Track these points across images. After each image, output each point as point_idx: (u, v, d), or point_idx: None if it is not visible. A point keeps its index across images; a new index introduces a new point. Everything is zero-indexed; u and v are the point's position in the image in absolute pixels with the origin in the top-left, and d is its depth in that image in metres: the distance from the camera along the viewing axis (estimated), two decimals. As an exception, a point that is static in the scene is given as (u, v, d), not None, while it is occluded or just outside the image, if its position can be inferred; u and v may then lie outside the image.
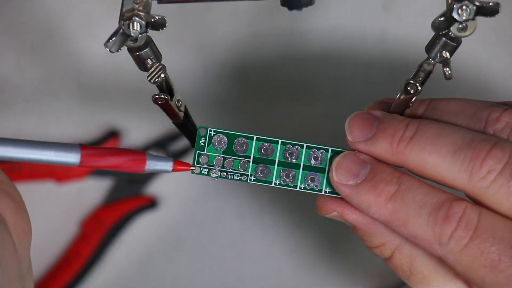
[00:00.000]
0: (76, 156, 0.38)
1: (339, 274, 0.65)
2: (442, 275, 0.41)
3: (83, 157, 0.38)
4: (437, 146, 0.39)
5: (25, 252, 0.41)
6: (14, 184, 0.42)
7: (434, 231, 0.38)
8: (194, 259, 0.65)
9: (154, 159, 0.40)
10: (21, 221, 0.41)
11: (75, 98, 0.66)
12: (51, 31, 0.66)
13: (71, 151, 0.38)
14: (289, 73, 0.65)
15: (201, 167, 0.43)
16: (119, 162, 0.39)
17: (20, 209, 0.41)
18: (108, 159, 0.39)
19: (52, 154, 0.38)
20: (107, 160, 0.39)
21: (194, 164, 0.42)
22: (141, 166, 0.40)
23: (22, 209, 0.41)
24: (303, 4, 0.37)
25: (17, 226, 0.41)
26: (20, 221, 0.41)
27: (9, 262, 0.38)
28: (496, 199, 0.37)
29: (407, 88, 0.40)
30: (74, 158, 0.38)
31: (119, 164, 0.39)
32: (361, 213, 0.41)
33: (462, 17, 0.36)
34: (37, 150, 0.37)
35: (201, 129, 0.43)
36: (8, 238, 0.39)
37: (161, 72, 0.40)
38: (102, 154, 0.39)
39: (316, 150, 0.42)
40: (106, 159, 0.39)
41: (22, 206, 0.42)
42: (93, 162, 0.39)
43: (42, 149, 0.38)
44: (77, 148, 0.38)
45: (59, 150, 0.38)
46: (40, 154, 0.38)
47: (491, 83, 0.64)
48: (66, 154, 0.38)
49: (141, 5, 0.38)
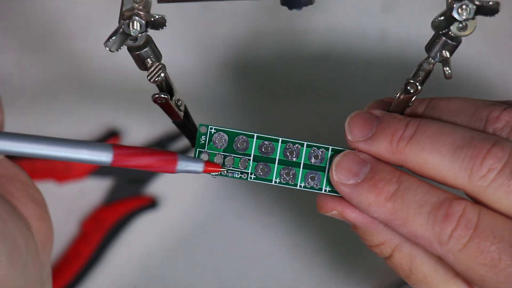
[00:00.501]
0: (109, 155, 0.38)
1: (339, 274, 0.65)
2: (442, 274, 0.41)
3: (115, 157, 0.38)
4: (437, 145, 0.39)
5: (47, 258, 0.41)
6: (38, 187, 0.42)
7: (434, 230, 0.38)
8: (194, 259, 0.65)
9: (186, 160, 0.40)
10: (45, 227, 0.41)
11: (75, 97, 0.66)
12: (51, 31, 0.66)
13: (104, 150, 0.38)
14: (289, 72, 0.65)
15: None
16: (150, 162, 0.39)
17: (44, 215, 0.41)
18: (140, 159, 0.39)
19: (85, 153, 0.38)
20: (139, 160, 0.39)
21: None
22: (172, 166, 0.40)
23: (46, 215, 0.42)
24: (303, 4, 0.37)
25: (40, 232, 0.41)
26: (43, 227, 0.41)
27: (32, 267, 0.39)
28: (496, 198, 0.37)
29: (407, 87, 0.40)
30: (106, 157, 0.38)
31: (150, 164, 0.39)
32: (361, 212, 0.41)
33: (462, 17, 0.36)
34: (70, 148, 0.37)
35: (202, 127, 0.43)
36: (33, 244, 0.39)
37: (161, 72, 0.40)
38: (134, 154, 0.39)
39: (317, 149, 0.42)
40: (138, 159, 0.39)
41: (46, 212, 0.42)
42: (125, 161, 0.39)
43: (75, 148, 0.38)
44: (110, 148, 0.38)
45: (92, 149, 0.38)
46: (73, 153, 0.38)
47: (491, 82, 0.64)
48: (99, 153, 0.38)
49: (141, 5, 0.38)
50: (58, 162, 0.65)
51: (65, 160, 0.38)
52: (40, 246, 0.40)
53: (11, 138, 0.37)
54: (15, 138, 0.37)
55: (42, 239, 0.40)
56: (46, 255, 0.41)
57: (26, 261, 0.38)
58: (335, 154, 0.42)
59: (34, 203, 0.40)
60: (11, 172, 0.42)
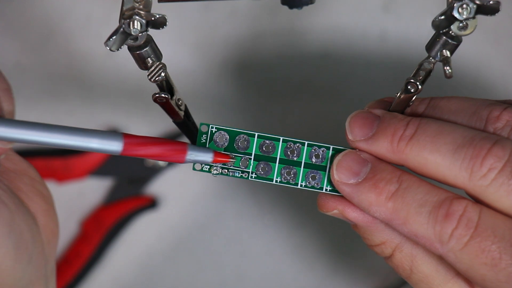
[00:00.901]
0: (119, 144, 0.38)
1: (339, 274, 0.65)
2: (443, 274, 0.40)
3: (125, 146, 0.38)
4: (437, 145, 0.39)
5: (52, 253, 0.41)
6: (46, 183, 0.42)
7: (435, 229, 0.38)
8: (194, 259, 0.65)
9: (195, 150, 0.40)
10: (51, 223, 0.41)
11: (75, 97, 0.66)
12: (51, 31, 0.66)
13: (114, 139, 0.38)
14: (289, 72, 0.65)
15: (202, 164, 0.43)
16: (160, 151, 0.39)
17: (51, 211, 0.42)
18: (150, 148, 0.39)
19: (95, 141, 0.38)
20: (149, 149, 0.39)
21: None
22: (182, 156, 0.40)
23: (53, 211, 0.42)
24: (303, 3, 0.37)
25: (47, 227, 0.41)
26: (50, 222, 0.41)
27: (37, 260, 0.39)
28: (497, 197, 0.37)
29: (408, 87, 0.40)
30: (117, 146, 0.38)
31: (160, 154, 0.39)
32: (362, 212, 0.41)
33: (462, 16, 0.36)
34: (82, 137, 0.38)
35: (203, 126, 0.43)
36: (39, 238, 0.39)
37: (162, 71, 0.40)
38: (144, 143, 0.39)
39: (317, 148, 0.42)
40: (148, 148, 0.39)
41: (52, 208, 0.42)
42: (135, 150, 0.39)
43: (86, 137, 0.38)
44: (120, 137, 0.38)
45: (102, 138, 0.38)
46: (85, 142, 0.38)
47: (491, 81, 0.64)
48: (110, 142, 0.38)
49: (141, 4, 0.38)
50: (58, 162, 0.65)
51: (76, 149, 0.38)
52: (45, 241, 0.40)
53: (22, 126, 0.37)
54: (27, 126, 0.37)
55: (47, 234, 0.41)
56: (52, 250, 0.41)
57: (32, 255, 0.38)
58: (336, 154, 0.42)
59: (42, 199, 0.41)
60: (20, 167, 0.42)
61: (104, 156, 0.65)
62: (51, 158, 0.65)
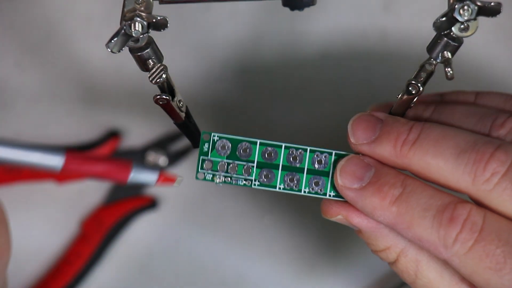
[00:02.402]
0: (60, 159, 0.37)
1: (339, 274, 0.65)
2: (448, 279, 0.40)
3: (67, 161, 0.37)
4: (440, 149, 0.39)
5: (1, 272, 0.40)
6: None
7: (439, 233, 0.38)
8: (194, 259, 0.65)
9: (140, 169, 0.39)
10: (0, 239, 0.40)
11: (75, 98, 0.65)
12: (51, 32, 0.66)
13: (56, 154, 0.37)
14: (290, 73, 0.65)
15: (205, 172, 0.43)
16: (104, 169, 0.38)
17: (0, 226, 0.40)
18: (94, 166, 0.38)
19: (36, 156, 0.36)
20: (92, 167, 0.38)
21: (199, 170, 0.42)
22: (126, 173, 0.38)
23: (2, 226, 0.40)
24: (305, 4, 0.37)
25: None
26: None
27: None
28: (500, 201, 0.37)
29: (409, 88, 0.40)
30: (58, 162, 0.37)
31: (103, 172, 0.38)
32: (366, 217, 0.41)
33: (463, 17, 0.36)
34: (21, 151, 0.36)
35: (205, 134, 0.42)
36: None
37: (163, 73, 0.40)
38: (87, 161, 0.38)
39: (320, 154, 0.42)
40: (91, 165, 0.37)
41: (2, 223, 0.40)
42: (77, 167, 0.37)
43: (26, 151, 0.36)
44: (62, 152, 0.37)
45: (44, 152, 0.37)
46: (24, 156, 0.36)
47: (492, 83, 0.64)
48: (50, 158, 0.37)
49: (142, 6, 0.38)
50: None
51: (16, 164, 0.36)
52: None
53: None
54: None
55: None
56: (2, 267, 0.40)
57: None
58: (339, 159, 0.42)
59: None
60: None
61: (104, 156, 0.65)
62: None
